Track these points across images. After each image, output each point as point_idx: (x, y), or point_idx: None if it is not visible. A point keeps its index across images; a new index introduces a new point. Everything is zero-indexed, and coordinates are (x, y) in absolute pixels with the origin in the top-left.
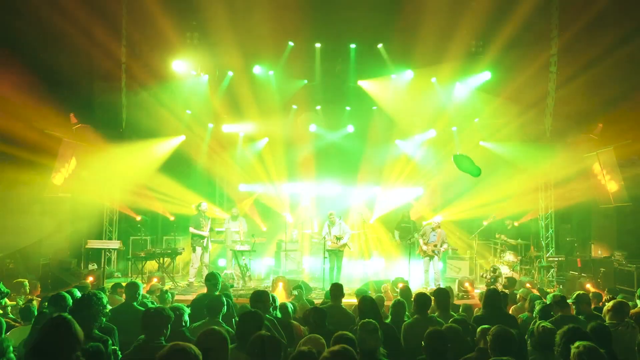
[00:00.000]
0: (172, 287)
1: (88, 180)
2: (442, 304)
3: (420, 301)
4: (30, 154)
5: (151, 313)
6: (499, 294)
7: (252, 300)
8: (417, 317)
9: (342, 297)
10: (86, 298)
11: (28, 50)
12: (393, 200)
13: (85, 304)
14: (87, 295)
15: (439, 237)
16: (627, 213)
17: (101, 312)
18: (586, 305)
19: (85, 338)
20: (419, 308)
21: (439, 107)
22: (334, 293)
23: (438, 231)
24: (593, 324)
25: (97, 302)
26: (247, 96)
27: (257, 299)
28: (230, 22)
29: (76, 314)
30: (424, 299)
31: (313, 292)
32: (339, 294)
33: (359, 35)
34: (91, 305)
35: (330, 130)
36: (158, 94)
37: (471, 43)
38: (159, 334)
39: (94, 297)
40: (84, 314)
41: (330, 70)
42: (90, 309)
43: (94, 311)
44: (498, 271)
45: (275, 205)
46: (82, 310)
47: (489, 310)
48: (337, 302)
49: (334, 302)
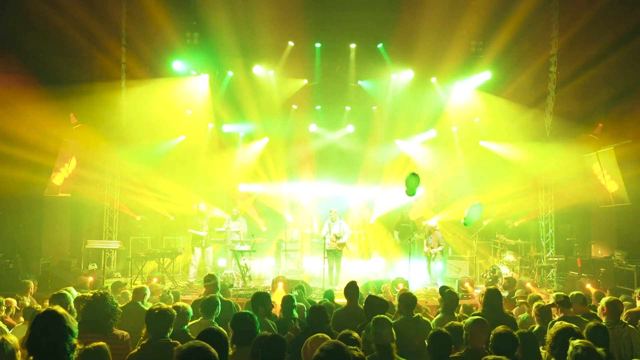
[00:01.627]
0: (172, 287)
1: (88, 180)
2: (449, 307)
3: (406, 301)
4: (30, 154)
5: (155, 312)
6: (499, 293)
7: (254, 302)
8: (403, 317)
9: (357, 297)
10: (101, 297)
11: (28, 50)
12: (393, 200)
13: (101, 302)
14: (102, 294)
15: (435, 238)
16: (627, 213)
17: (116, 311)
18: (579, 306)
19: (103, 337)
20: (405, 308)
21: (439, 107)
22: (348, 293)
23: (435, 233)
24: (591, 324)
25: (112, 300)
26: (247, 96)
27: (259, 301)
28: (230, 22)
29: (90, 313)
30: (410, 299)
31: (313, 292)
32: (353, 294)
33: (359, 35)
34: (106, 303)
35: (330, 130)
36: (158, 94)
37: (471, 43)
38: (164, 332)
39: (107, 296)
40: (101, 311)
41: (330, 70)
42: (106, 307)
43: (110, 309)
44: (498, 271)
45: (275, 205)
46: (98, 308)
47: (488, 310)
48: (353, 302)
49: (349, 303)
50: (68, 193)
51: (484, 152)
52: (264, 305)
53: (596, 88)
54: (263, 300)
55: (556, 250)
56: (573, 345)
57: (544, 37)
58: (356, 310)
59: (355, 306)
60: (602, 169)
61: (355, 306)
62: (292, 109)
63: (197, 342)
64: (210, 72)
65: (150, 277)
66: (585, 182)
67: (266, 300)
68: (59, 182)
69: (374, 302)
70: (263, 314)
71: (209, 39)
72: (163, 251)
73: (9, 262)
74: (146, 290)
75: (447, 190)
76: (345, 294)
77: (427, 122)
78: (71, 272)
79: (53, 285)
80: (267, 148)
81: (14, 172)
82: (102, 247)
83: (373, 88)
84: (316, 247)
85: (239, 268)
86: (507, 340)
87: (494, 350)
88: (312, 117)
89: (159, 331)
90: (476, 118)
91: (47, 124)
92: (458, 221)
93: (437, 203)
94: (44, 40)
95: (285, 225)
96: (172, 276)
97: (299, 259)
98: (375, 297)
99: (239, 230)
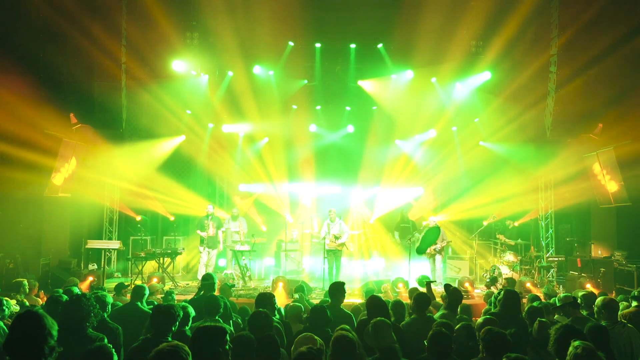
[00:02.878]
0: (172, 287)
1: (88, 180)
2: (454, 304)
3: (419, 301)
4: (30, 154)
5: (162, 310)
6: (518, 296)
7: (258, 303)
8: (414, 317)
9: (343, 297)
10: (75, 300)
11: (28, 50)
12: (393, 200)
13: (75, 306)
14: (77, 297)
15: (440, 235)
16: (627, 213)
17: (92, 313)
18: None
19: (78, 338)
20: (418, 308)
21: (439, 107)
22: (332, 292)
23: None
24: (591, 324)
25: (86, 303)
26: (247, 96)
27: (264, 302)
28: (230, 22)
29: (66, 317)
30: (423, 299)
31: (313, 292)
32: (339, 293)
33: (359, 35)
34: (80, 306)
35: (330, 130)
36: (158, 94)
37: (471, 43)
38: (167, 330)
39: (83, 299)
40: (74, 315)
41: (330, 70)
42: (81, 311)
43: (84, 312)
44: (497, 271)
45: (275, 205)
46: (72, 312)
47: (505, 313)
48: (336, 302)
49: (333, 302)
50: (68, 193)
51: (484, 152)
52: (271, 305)
53: (596, 88)
54: (269, 301)
55: (556, 250)
56: (573, 346)
57: (544, 37)
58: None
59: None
60: (602, 169)
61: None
62: (292, 109)
63: (168, 344)
64: (210, 72)
65: (150, 277)
66: (585, 182)
67: (271, 301)
68: (59, 182)
69: (375, 303)
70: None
71: (209, 39)
72: (163, 251)
73: (9, 262)
74: (145, 290)
75: (447, 190)
76: (330, 292)
77: (427, 122)
78: (71, 272)
79: (53, 285)
80: (267, 148)
81: (14, 172)
82: (102, 247)
83: (373, 88)
84: (316, 247)
85: (239, 268)
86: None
87: (486, 352)
88: (312, 117)
89: (162, 329)
90: (476, 118)
91: (47, 124)
92: (458, 221)
93: (437, 203)
94: (44, 40)
95: (285, 225)
96: (172, 276)
97: (299, 259)
98: (377, 297)
99: (239, 231)
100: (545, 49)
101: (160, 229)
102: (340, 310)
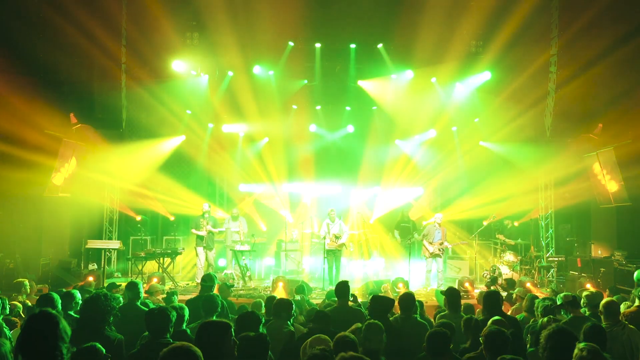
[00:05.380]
0: (173, 288)
1: (88, 180)
2: (454, 304)
3: (406, 302)
4: (30, 154)
5: (155, 313)
6: (499, 296)
7: (276, 309)
8: (402, 317)
9: (349, 295)
10: (94, 298)
11: (28, 50)
12: (393, 200)
13: (93, 304)
14: (96, 295)
15: (443, 234)
16: (627, 213)
17: (110, 312)
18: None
19: (96, 338)
20: (404, 308)
21: (439, 107)
22: (339, 292)
23: (442, 228)
24: (588, 325)
25: (105, 301)
26: (247, 96)
27: (282, 307)
28: (230, 22)
29: (85, 314)
30: (409, 299)
31: (313, 292)
32: (346, 293)
33: (359, 35)
34: (98, 305)
35: (330, 130)
36: (158, 94)
37: (471, 43)
38: (163, 332)
39: (102, 297)
40: (92, 313)
41: (330, 70)
42: (98, 309)
43: (102, 310)
44: (497, 271)
45: (275, 205)
46: (90, 310)
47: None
48: (344, 301)
49: (341, 301)
50: (68, 193)
51: (484, 152)
52: (287, 312)
53: (596, 88)
54: (286, 307)
55: (556, 250)
56: (579, 348)
57: (544, 37)
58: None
59: (346, 305)
60: (602, 169)
61: (346, 305)
62: (292, 109)
63: (181, 344)
64: (210, 72)
65: (151, 277)
66: (585, 182)
67: (289, 307)
68: (59, 182)
69: (378, 302)
70: (285, 320)
71: (209, 39)
72: (163, 251)
73: (9, 262)
74: (139, 285)
75: (447, 190)
76: (336, 293)
77: (427, 122)
78: (71, 272)
79: (53, 285)
80: (267, 148)
81: (14, 172)
82: (102, 247)
83: (373, 88)
84: (316, 247)
85: (239, 268)
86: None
87: (486, 351)
88: (312, 117)
89: (158, 331)
90: (476, 118)
91: (47, 124)
92: (458, 221)
93: (437, 203)
94: (44, 40)
95: (285, 225)
96: (172, 276)
97: (299, 259)
98: (380, 296)
99: (239, 231)
100: (545, 49)
101: (160, 229)
102: (349, 308)
